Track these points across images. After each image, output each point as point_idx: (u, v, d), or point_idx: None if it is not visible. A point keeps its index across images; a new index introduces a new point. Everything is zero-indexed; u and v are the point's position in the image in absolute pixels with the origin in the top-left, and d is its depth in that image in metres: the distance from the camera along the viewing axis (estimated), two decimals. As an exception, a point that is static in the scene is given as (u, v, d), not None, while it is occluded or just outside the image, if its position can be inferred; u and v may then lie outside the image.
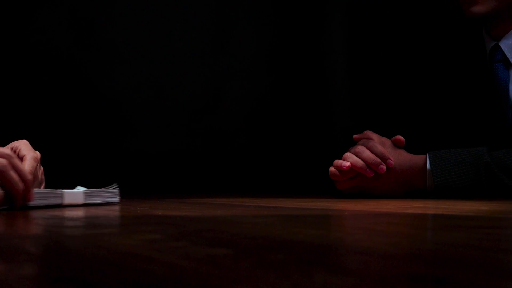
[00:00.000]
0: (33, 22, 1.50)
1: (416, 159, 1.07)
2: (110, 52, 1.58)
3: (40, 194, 0.77)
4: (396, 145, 1.10)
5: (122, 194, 1.02)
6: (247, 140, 1.69)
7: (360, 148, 1.07)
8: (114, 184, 0.88)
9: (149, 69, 1.61)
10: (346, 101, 1.70)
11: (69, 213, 0.68)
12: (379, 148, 1.06)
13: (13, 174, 0.72)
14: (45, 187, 0.88)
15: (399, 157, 1.08)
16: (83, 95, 1.56)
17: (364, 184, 1.08)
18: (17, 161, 0.73)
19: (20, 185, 0.72)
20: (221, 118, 1.68)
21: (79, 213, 0.68)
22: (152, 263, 0.31)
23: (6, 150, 0.74)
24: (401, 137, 1.10)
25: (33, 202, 0.75)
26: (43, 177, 0.88)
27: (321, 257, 0.33)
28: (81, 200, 0.83)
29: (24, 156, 0.79)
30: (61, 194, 0.80)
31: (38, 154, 0.83)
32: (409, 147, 1.15)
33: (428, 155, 1.05)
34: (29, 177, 0.74)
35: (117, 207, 0.77)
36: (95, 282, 0.27)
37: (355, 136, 1.14)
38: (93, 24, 1.57)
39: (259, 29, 1.71)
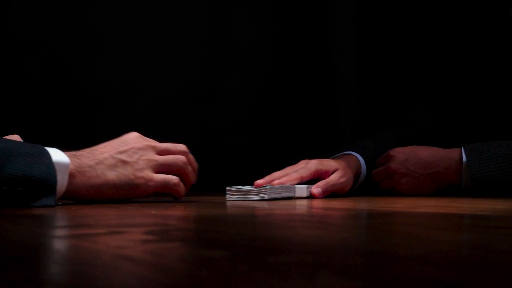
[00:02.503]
0: (15, 9, 1.50)
1: (450, 152, 1.07)
2: (97, 41, 1.57)
3: (278, 189, 0.97)
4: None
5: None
6: (247, 134, 1.69)
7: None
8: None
9: (141, 59, 1.61)
10: (353, 91, 1.70)
11: (56, 212, 0.68)
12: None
13: (190, 168, 0.87)
14: None
15: (428, 151, 1.09)
16: (70, 87, 1.56)
17: (391, 180, 1.10)
18: (191, 156, 0.88)
19: (194, 178, 0.88)
20: (219, 111, 1.68)
21: (66, 212, 0.68)
22: (145, 266, 0.31)
23: (182, 146, 0.87)
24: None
25: (271, 195, 0.94)
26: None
27: (325, 259, 0.33)
28: (305, 194, 1.02)
29: None
30: (293, 188, 1.00)
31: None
32: (423, 142, 1.15)
33: (464, 148, 1.05)
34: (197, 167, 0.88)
35: (107, 206, 0.77)
36: (84, 286, 0.27)
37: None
38: (80, 10, 1.57)
39: (260, 14, 1.71)
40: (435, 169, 1.07)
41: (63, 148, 0.79)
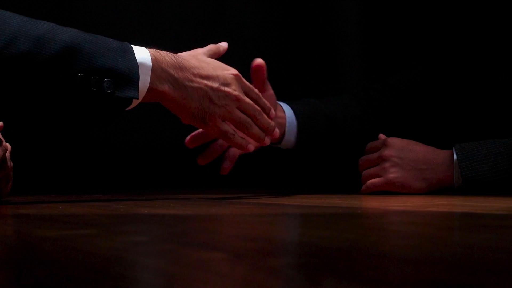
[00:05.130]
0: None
1: (444, 151, 1.07)
2: (90, 28, 1.57)
3: None
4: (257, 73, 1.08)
5: (103, 190, 1.02)
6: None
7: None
8: None
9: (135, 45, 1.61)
10: (359, 83, 1.70)
11: (43, 211, 0.69)
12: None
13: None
14: (13, 183, 0.89)
15: (424, 147, 1.08)
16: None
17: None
18: None
19: None
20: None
21: (54, 211, 0.68)
22: (137, 268, 0.31)
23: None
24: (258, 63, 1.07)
25: None
26: (11, 173, 0.89)
27: (330, 262, 0.33)
28: None
29: None
30: None
31: (7, 146, 0.85)
32: (428, 139, 1.14)
33: (455, 147, 1.05)
34: None
35: (98, 206, 0.78)
36: (72, 290, 0.27)
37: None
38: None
39: (258, 1, 1.70)
40: (429, 166, 1.07)
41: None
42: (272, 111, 1.02)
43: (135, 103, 0.82)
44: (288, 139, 1.17)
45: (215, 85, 0.90)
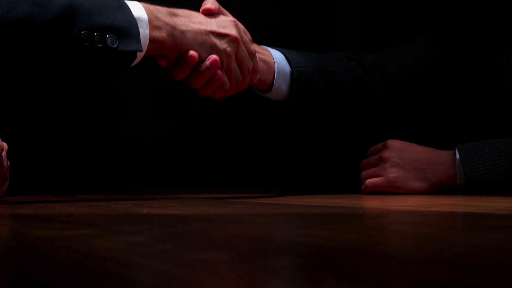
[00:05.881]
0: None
1: (445, 151, 1.07)
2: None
3: None
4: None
5: (101, 190, 1.01)
6: (246, 124, 1.68)
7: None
8: None
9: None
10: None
11: (40, 211, 0.69)
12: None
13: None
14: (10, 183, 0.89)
15: (424, 148, 1.08)
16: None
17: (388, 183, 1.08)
18: None
19: None
20: (217, 102, 1.67)
21: (52, 211, 0.68)
22: (136, 269, 0.31)
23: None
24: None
25: None
26: (8, 173, 0.89)
27: (331, 262, 0.33)
28: None
29: None
30: None
31: (3, 145, 0.86)
32: (430, 140, 1.14)
33: (457, 147, 1.06)
34: None
35: (96, 205, 0.78)
36: (70, 290, 0.27)
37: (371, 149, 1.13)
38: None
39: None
40: (430, 166, 1.07)
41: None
42: (258, 75, 0.99)
43: (139, 56, 0.83)
44: (279, 87, 1.08)
45: (214, 28, 0.90)
